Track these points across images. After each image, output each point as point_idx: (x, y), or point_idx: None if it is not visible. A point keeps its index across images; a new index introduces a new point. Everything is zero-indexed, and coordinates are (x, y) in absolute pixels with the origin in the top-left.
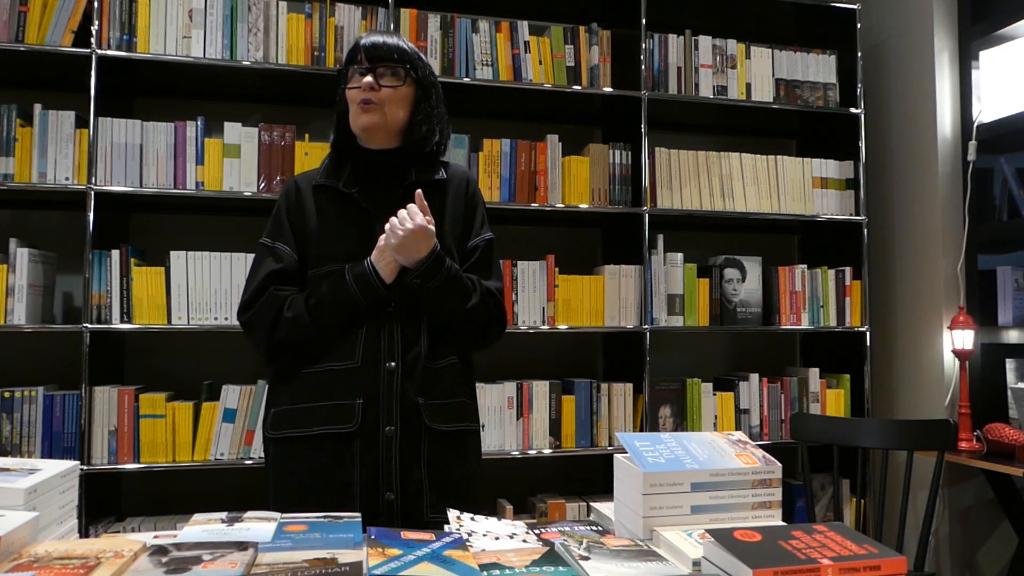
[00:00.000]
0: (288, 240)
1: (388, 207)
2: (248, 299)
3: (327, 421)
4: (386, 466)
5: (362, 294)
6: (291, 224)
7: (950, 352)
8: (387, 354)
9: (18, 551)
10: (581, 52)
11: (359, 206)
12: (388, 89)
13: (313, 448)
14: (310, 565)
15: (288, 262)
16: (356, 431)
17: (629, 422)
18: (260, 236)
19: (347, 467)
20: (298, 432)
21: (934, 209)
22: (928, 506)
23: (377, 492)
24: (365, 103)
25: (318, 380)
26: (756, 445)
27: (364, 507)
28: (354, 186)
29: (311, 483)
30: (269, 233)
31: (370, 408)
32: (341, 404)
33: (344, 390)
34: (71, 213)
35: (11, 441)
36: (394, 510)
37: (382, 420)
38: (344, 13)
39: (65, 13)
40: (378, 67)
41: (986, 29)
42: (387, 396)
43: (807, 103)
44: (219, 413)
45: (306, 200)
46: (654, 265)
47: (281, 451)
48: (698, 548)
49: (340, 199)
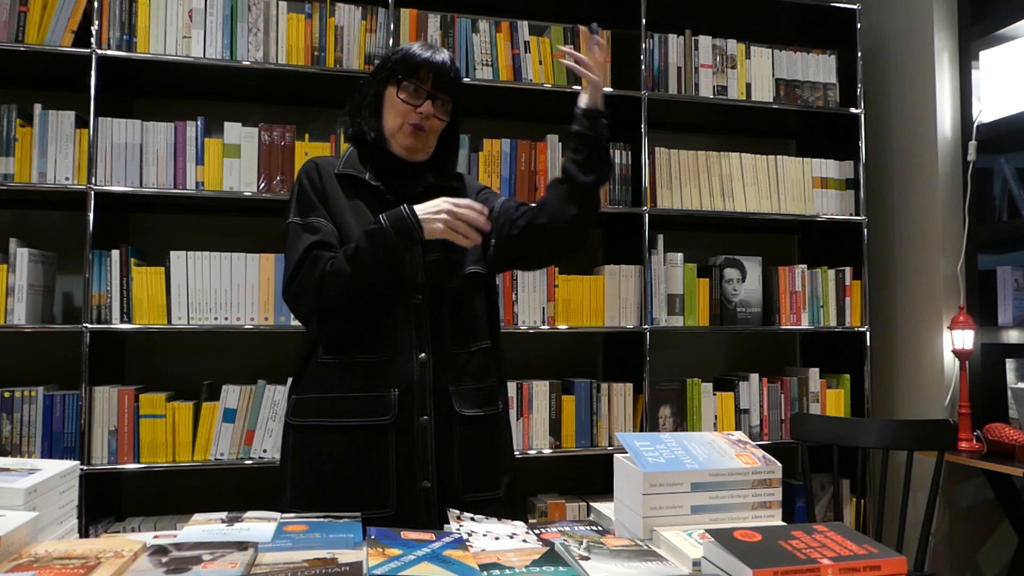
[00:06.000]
0: (322, 214)
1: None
2: (292, 273)
3: (361, 412)
4: (422, 455)
5: (396, 233)
6: (319, 201)
7: (950, 352)
8: (418, 346)
9: (18, 551)
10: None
11: (383, 198)
12: (438, 122)
13: (343, 438)
14: (310, 565)
15: (327, 233)
16: (391, 422)
17: (629, 422)
18: (250, 240)
19: (382, 458)
20: (327, 421)
21: (934, 209)
22: (928, 506)
23: (413, 481)
24: (417, 127)
25: (349, 371)
26: (756, 445)
27: (400, 496)
28: (377, 179)
29: (340, 473)
30: (297, 212)
31: (405, 399)
32: (375, 396)
33: (378, 382)
34: (71, 213)
35: (11, 441)
36: (431, 497)
37: (416, 410)
38: (344, 13)
39: (65, 13)
40: (438, 96)
41: (986, 29)
42: (420, 386)
43: (807, 103)
44: (219, 413)
45: (328, 184)
46: (654, 265)
47: (305, 439)
48: (698, 548)
49: (364, 190)
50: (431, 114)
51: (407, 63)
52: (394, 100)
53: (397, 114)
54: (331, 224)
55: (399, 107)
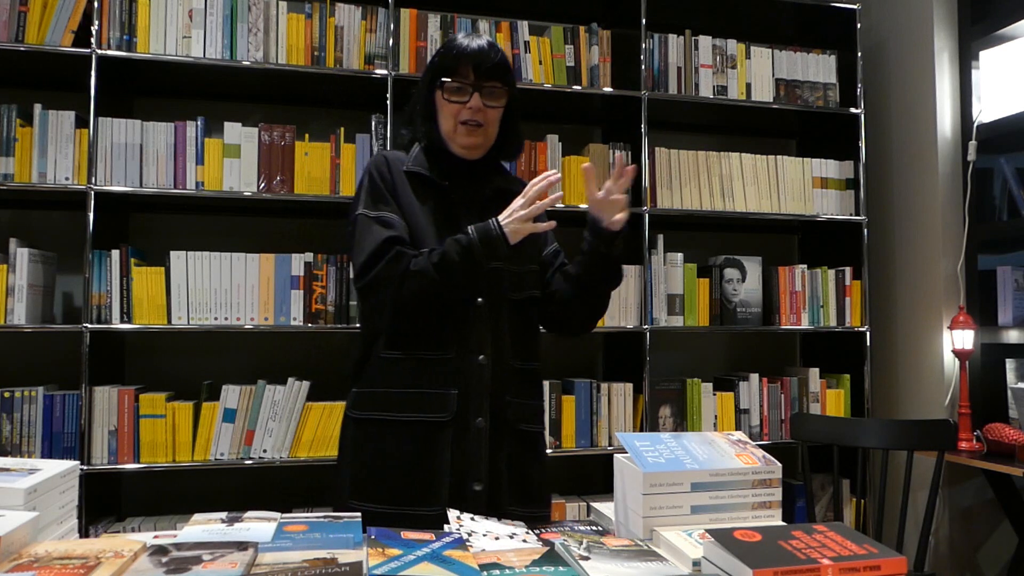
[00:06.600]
0: (394, 209)
1: (475, 206)
2: (366, 261)
3: (420, 409)
4: (476, 457)
5: (483, 247)
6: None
7: (950, 352)
8: (478, 348)
9: (18, 551)
10: (581, 52)
11: (450, 199)
12: (493, 110)
13: (402, 433)
14: (310, 565)
15: (400, 229)
16: (449, 420)
17: (629, 422)
18: (250, 240)
19: (438, 455)
20: (387, 415)
21: (934, 209)
22: (928, 506)
23: (465, 482)
24: (471, 124)
25: (409, 367)
26: (756, 445)
27: (451, 495)
28: (445, 179)
29: (397, 467)
30: (367, 205)
31: (463, 399)
32: (435, 393)
33: (438, 380)
34: (71, 213)
35: (11, 441)
36: (480, 500)
37: (473, 412)
38: (344, 13)
39: (65, 13)
40: (484, 86)
41: (986, 29)
42: (478, 389)
43: (807, 103)
44: (219, 413)
45: (398, 179)
46: (654, 265)
47: (364, 432)
48: (698, 548)
49: (431, 189)
50: (481, 107)
51: (445, 62)
52: (443, 102)
53: (449, 115)
54: (402, 219)
55: (449, 108)
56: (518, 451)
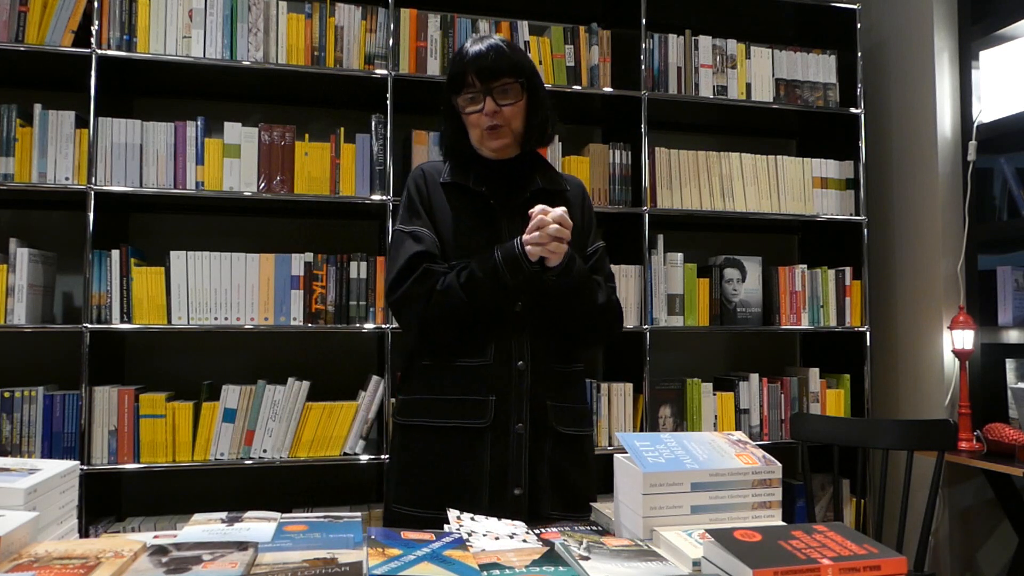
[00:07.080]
0: (426, 223)
1: (515, 209)
2: (396, 278)
3: (459, 415)
4: (515, 462)
5: (508, 269)
6: (424, 210)
7: (950, 352)
8: (516, 354)
9: (18, 551)
10: (581, 52)
11: (488, 204)
12: (509, 107)
13: (443, 439)
14: (310, 565)
15: (430, 244)
16: (488, 426)
17: (629, 422)
18: (250, 240)
19: (478, 461)
20: (428, 422)
21: (934, 209)
22: (928, 506)
23: (506, 487)
24: (492, 128)
25: (450, 375)
26: (756, 445)
27: (492, 500)
28: (482, 186)
29: (438, 472)
30: (403, 220)
31: (501, 405)
32: (473, 400)
33: (476, 386)
34: (71, 213)
35: (11, 441)
36: (521, 505)
37: (512, 417)
38: (344, 13)
39: (65, 13)
40: (493, 87)
41: (986, 29)
42: (517, 394)
43: (807, 103)
44: (219, 413)
45: (434, 191)
46: (654, 265)
47: (409, 438)
48: (698, 548)
49: (469, 197)
50: (495, 109)
51: (452, 74)
52: (463, 114)
53: (471, 125)
54: (433, 233)
55: (469, 119)
56: (560, 455)
